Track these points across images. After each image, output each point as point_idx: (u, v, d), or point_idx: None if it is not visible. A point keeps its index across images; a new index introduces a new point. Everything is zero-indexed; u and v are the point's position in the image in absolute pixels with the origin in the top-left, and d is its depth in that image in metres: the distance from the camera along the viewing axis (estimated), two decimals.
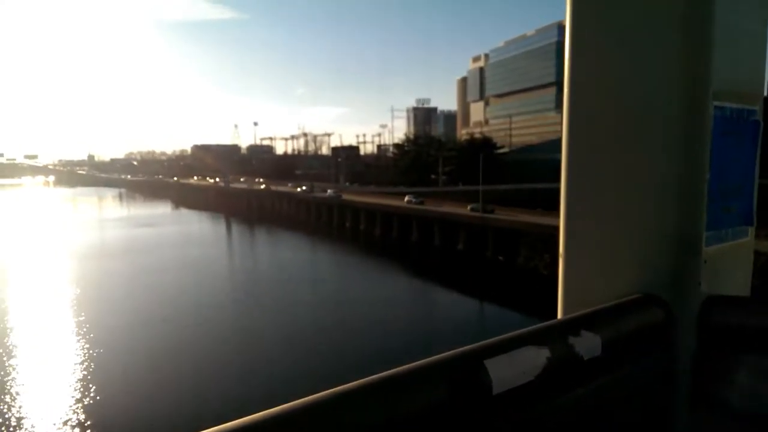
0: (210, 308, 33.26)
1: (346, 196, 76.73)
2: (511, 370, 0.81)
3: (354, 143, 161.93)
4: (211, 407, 18.32)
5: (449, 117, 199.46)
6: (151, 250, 53.65)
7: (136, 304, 33.71)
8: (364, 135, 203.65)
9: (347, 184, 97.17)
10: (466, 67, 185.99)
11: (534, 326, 0.94)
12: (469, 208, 54.88)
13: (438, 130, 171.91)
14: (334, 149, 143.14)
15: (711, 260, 1.15)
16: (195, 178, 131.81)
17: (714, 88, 1.10)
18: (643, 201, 1.17)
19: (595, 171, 1.22)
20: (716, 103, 1.11)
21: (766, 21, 1.24)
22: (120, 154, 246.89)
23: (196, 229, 76.12)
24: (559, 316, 1.23)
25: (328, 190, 70.82)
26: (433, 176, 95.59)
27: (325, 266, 50.63)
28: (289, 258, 53.83)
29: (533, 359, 0.85)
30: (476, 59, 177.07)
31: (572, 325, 0.96)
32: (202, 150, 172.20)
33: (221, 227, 79.78)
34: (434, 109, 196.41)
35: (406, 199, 63.88)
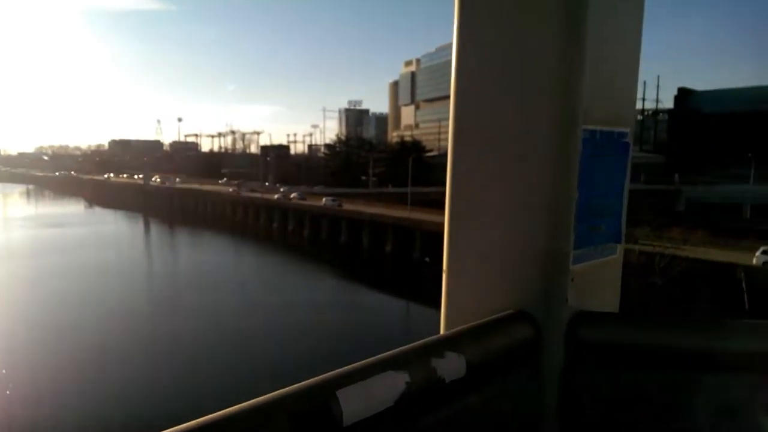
0: (124, 315, 31.08)
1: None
2: (367, 398, 0.80)
3: (284, 142, 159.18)
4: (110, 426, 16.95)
5: (381, 119, 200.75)
6: (60, 252, 49.70)
7: (41, 311, 30.92)
8: (295, 134, 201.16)
9: (277, 185, 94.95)
10: (398, 70, 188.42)
11: (395, 350, 0.92)
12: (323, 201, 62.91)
13: (370, 132, 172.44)
14: (263, 148, 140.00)
15: (579, 277, 1.20)
16: (111, 174, 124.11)
17: (583, 112, 1.16)
18: (517, 219, 1.21)
19: (475, 188, 1.26)
20: (585, 126, 1.17)
21: (637, 47, 1.29)
22: (29, 148, 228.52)
23: (111, 230, 71.69)
24: (442, 332, 1.23)
25: (324, 199, 66.64)
26: (363, 178, 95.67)
27: (250, 269, 48.97)
28: (213, 261, 51.70)
29: (391, 385, 0.84)
30: (408, 63, 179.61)
31: (436, 347, 0.97)
32: (120, 145, 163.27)
33: (139, 228, 75.63)
34: (366, 111, 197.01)
35: (324, 200, 63.88)
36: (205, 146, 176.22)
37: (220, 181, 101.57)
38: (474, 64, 1.21)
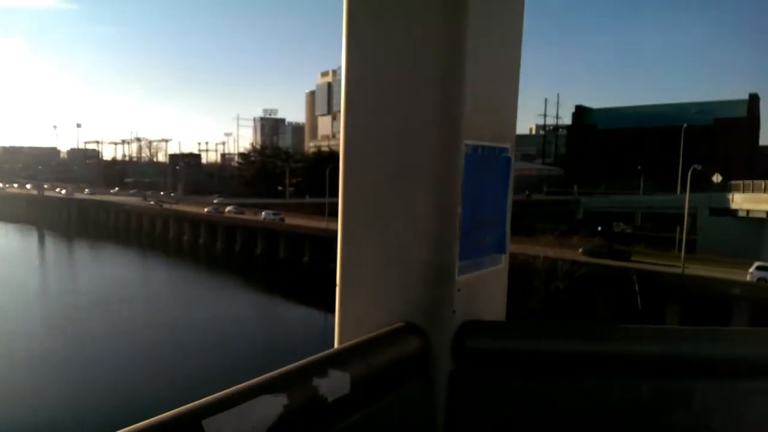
0: (16, 337, 28.46)
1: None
2: (238, 426, 0.76)
3: (195, 151, 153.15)
4: None
5: (297, 129, 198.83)
6: None
7: None
8: (207, 143, 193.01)
9: (171, 194, 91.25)
10: (315, 80, 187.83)
11: (274, 372, 0.88)
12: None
13: (286, 141, 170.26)
14: (172, 156, 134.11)
15: (465, 288, 1.23)
16: (0, 184, 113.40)
17: (465, 128, 1.19)
18: (404, 233, 1.23)
19: (364, 203, 1.28)
20: (467, 142, 1.20)
21: (516, 67, 1.36)
22: None
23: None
24: (336, 346, 1.23)
25: (263, 213, 61.68)
26: (280, 188, 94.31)
27: (157, 284, 46.58)
28: (118, 276, 48.59)
29: (266, 410, 0.80)
30: (325, 74, 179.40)
31: (318, 365, 0.94)
32: (10, 152, 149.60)
33: (32, 242, 69.60)
34: (282, 120, 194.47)
35: (264, 215, 61.00)
36: (108, 154, 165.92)
37: (130, 191, 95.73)
38: (360, 81, 1.25)
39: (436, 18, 1.18)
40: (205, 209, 68.09)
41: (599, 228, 53.04)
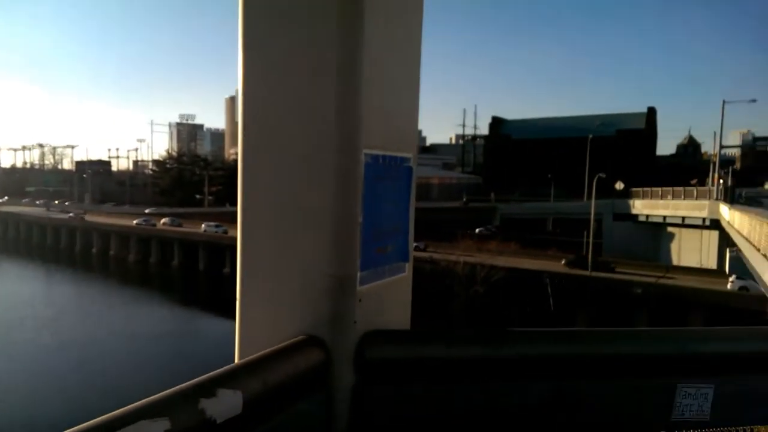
0: None
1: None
2: None
3: (105, 158, 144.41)
4: None
5: (217, 135, 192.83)
6: None
7: None
8: (117, 149, 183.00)
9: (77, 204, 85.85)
10: (235, 86, 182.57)
11: (156, 395, 0.83)
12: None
13: (204, 148, 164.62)
14: (79, 163, 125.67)
15: (367, 298, 1.21)
16: None
17: (365, 137, 1.18)
18: (305, 244, 1.21)
19: (264, 213, 1.24)
20: (368, 151, 1.19)
21: (416, 78, 1.36)
22: None
23: None
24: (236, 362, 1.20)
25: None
26: (198, 196, 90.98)
27: (62, 300, 43.39)
28: (19, 292, 44.75)
29: None
30: None
31: (207, 385, 0.89)
32: None
33: None
34: (200, 126, 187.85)
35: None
36: (6, 161, 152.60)
37: (37, 202, 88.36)
38: (258, 90, 1.23)
39: (332, 25, 1.17)
40: (134, 221, 63.21)
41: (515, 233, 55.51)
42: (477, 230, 60.52)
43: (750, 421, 1.34)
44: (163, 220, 62.71)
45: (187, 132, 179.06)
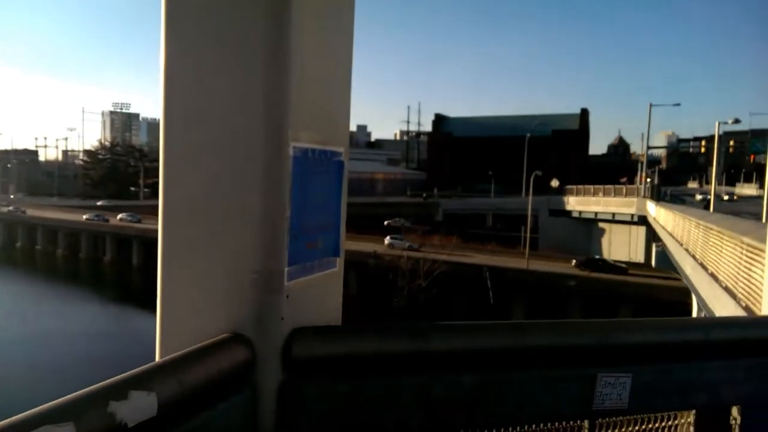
0: None
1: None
2: None
3: (32, 147, 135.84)
4: None
5: (154, 125, 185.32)
6: None
7: None
8: (45, 138, 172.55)
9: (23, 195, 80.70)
10: None
11: (64, 397, 0.80)
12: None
13: (141, 138, 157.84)
14: (3, 152, 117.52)
15: (295, 294, 1.19)
16: None
17: (293, 131, 1.15)
18: (229, 239, 1.17)
19: (186, 208, 1.20)
20: (296, 144, 1.16)
21: (347, 73, 1.35)
22: None
23: None
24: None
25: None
26: (133, 188, 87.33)
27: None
28: None
29: None
30: None
31: (118, 388, 0.85)
32: None
33: None
34: (136, 116, 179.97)
35: (119, 216, 54.82)
36: None
37: None
38: (180, 83, 1.19)
39: (258, 16, 1.14)
40: (84, 216, 57.94)
41: (457, 228, 56.73)
42: (385, 222, 61.27)
43: (666, 407, 1.43)
44: (119, 216, 57.83)
45: (122, 121, 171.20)
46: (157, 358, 1.16)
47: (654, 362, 1.36)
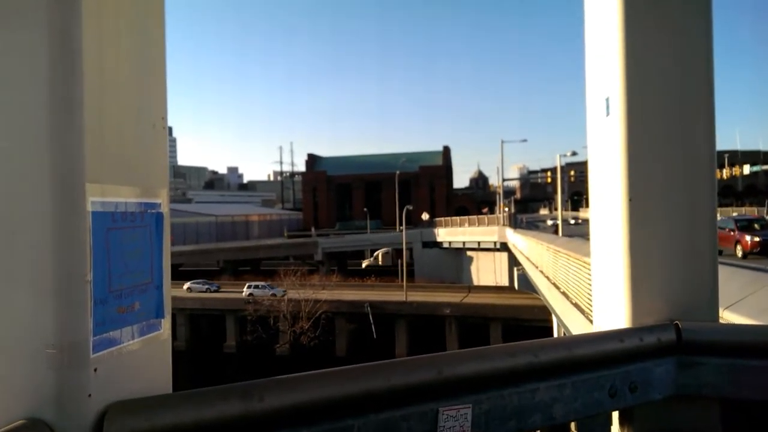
0: None
1: None
2: None
3: None
4: None
5: None
6: None
7: None
8: None
9: None
10: None
11: None
12: None
13: None
14: None
15: (106, 366, 1.07)
16: None
17: (92, 183, 1.04)
18: (18, 310, 1.03)
19: None
20: (96, 199, 1.04)
21: (163, 100, 1.24)
22: None
23: None
24: None
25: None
26: None
27: None
28: None
29: None
30: None
31: None
32: None
33: None
34: None
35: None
36: None
37: None
38: None
39: (41, 30, 0.99)
40: None
41: (335, 268, 56.99)
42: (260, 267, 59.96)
43: (506, 431, 1.44)
44: None
45: None
46: None
47: (488, 389, 1.39)
